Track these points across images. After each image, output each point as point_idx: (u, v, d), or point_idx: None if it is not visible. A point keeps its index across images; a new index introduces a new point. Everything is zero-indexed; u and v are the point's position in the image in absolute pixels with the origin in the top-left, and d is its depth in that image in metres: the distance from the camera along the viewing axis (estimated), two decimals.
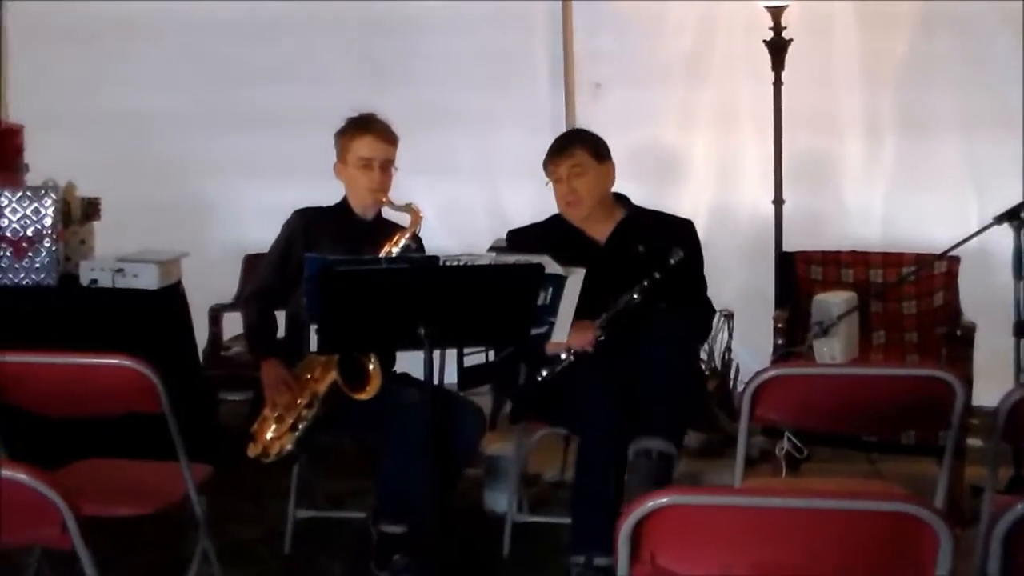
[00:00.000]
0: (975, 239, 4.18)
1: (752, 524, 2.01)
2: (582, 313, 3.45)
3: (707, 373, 4.82)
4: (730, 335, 4.96)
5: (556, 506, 4.27)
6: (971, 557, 2.14)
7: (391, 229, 3.80)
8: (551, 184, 3.90)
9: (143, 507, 3.11)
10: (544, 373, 3.68)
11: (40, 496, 2.17)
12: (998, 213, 3.99)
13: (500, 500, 4.16)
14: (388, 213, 3.86)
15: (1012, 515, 1.96)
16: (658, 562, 2.05)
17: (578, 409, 3.57)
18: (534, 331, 3.29)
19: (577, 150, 3.85)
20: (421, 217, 3.76)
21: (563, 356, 3.66)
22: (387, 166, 3.83)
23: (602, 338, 3.67)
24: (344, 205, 3.90)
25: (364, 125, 3.83)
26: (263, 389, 3.69)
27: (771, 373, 2.94)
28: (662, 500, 2.00)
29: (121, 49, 5.57)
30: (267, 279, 3.88)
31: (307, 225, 3.84)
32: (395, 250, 3.72)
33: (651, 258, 3.78)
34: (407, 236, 3.74)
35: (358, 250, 3.68)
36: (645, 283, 3.70)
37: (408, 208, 3.75)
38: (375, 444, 3.72)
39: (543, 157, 3.95)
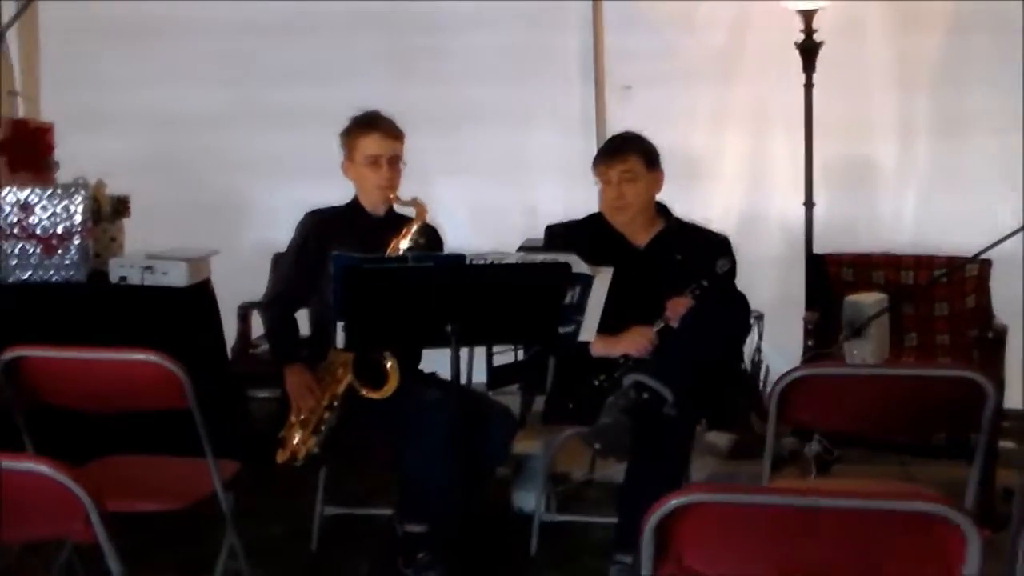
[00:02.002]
0: (1008, 242, 4.14)
1: (778, 524, 1.99)
2: (614, 316, 3.44)
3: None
4: (760, 337, 4.92)
5: (584, 505, 4.26)
6: (1002, 560, 2.12)
7: (403, 224, 3.80)
8: (599, 185, 3.88)
9: (169, 503, 3.12)
10: (603, 378, 3.66)
11: (64, 490, 2.17)
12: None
13: (528, 499, 4.15)
14: (400, 208, 3.86)
15: None
16: (684, 561, 2.04)
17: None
18: (561, 330, 3.29)
19: (631, 156, 3.85)
20: (427, 211, 3.76)
21: (621, 361, 3.65)
22: (395, 161, 3.83)
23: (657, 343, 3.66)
24: (355, 204, 3.92)
25: (369, 123, 3.84)
26: (288, 394, 3.71)
27: (800, 373, 2.92)
28: (686, 498, 1.98)
29: (153, 47, 5.58)
30: (285, 283, 3.91)
31: (320, 225, 3.86)
32: (403, 244, 3.72)
33: (688, 269, 3.77)
34: (413, 230, 3.74)
35: (373, 247, 3.69)
36: (696, 291, 3.68)
37: (414, 203, 3.76)
38: (398, 444, 3.72)
39: (574, 155, 3.94)
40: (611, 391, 3.54)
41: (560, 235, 3.94)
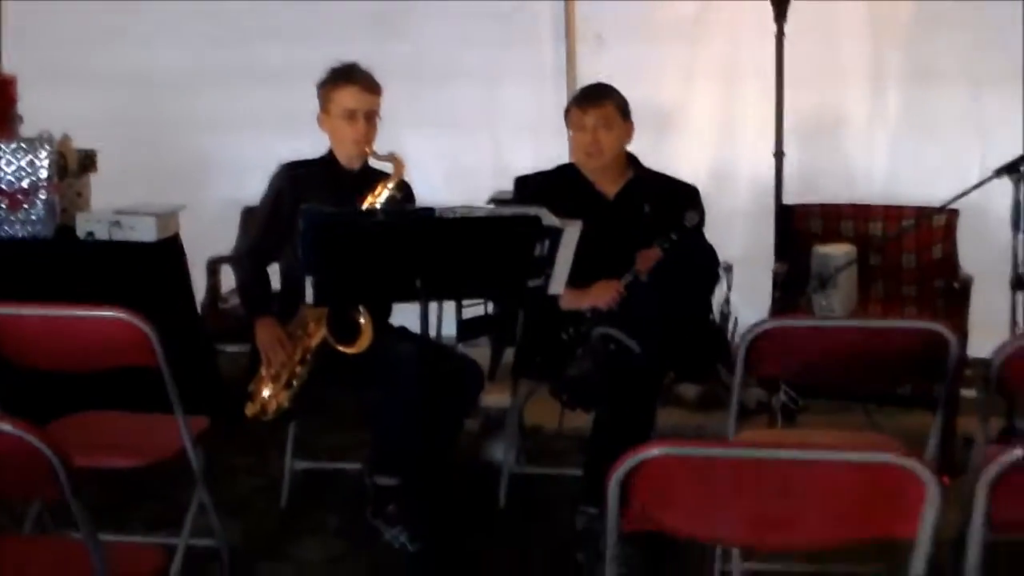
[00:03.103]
0: (975, 192, 4.17)
1: (741, 476, 2.01)
2: (585, 268, 3.45)
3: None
4: (729, 288, 4.90)
5: (553, 457, 4.29)
6: (960, 506, 2.15)
7: (378, 179, 3.78)
8: (571, 132, 3.88)
9: (137, 459, 3.13)
10: (571, 331, 3.67)
11: (31, 448, 2.17)
12: (998, 166, 3.97)
13: (497, 451, 4.17)
14: (375, 163, 3.84)
15: (997, 465, 1.96)
16: (648, 513, 2.05)
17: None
18: (531, 283, 3.29)
19: (607, 103, 3.86)
20: (404, 166, 3.74)
21: (588, 314, 3.66)
22: (371, 116, 3.80)
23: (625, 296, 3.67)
24: (330, 157, 3.88)
25: (347, 76, 3.80)
26: (259, 348, 3.70)
27: (767, 326, 2.94)
28: (653, 451, 2.00)
29: (119, 3, 5.51)
30: (258, 236, 3.88)
31: (294, 179, 3.83)
32: (379, 201, 3.70)
33: (657, 219, 3.79)
34: (390, 186, 3.73)
35: (346, 201, 3.68)
36: (666, 244, 3.69)
37: (391, 158, 3.74)
38: (370, 398, 3.73)
39: (544, 108, 3.93)
40: (579, 344, 3.56)
41: (530, 186, 3.94)
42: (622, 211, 3.86)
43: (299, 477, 4.06)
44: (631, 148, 4.02)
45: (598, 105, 3.85)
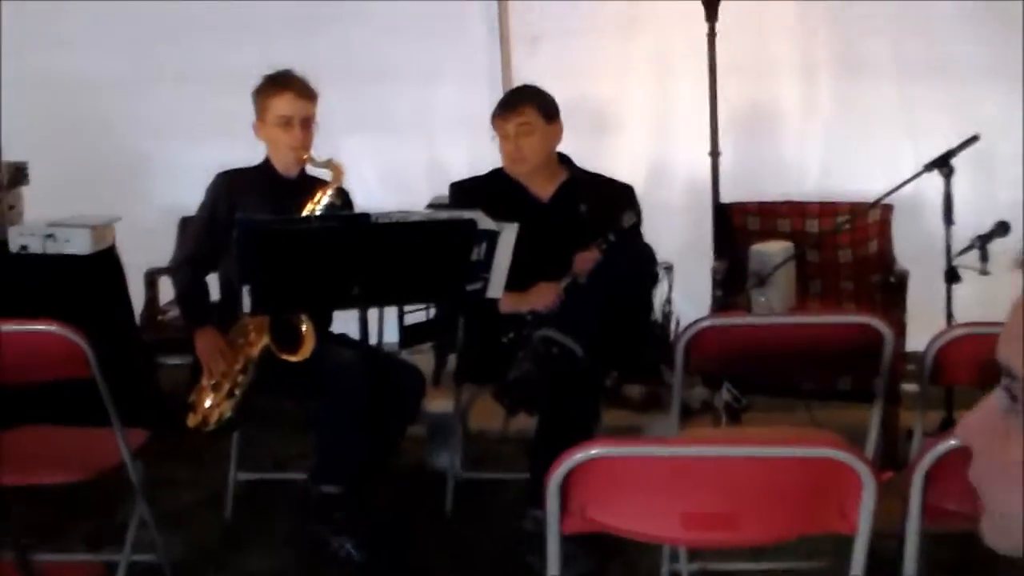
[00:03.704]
0: (909, 187, 4.21)
1: (680, 474, 2.02)
2: (523, 271, 3.45)
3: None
4: (670, 287, 4.95)
5: (499, 462, 4.28)
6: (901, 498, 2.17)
7: (316, 186, 3.76)
8: (497, 138, 3.87)
9: (73, 474, 3.09)
10: (511, 335, 3.66)
11: None
12: (928, 161, 4.02)
13: (443, 457, 4.16)
14: (312, 170, 3.82)
15: (931, 455, 1.98)
16: (588, 514, 2.05)
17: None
18: (469, 287, 3.28)
19: (526, 108, 3.83)
20: (343, 173, 3.73)
21: (529, 318, 3.65)
22: (307, 123, 3.77)
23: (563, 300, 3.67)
24: (267, 165, 3.86)
25: (282, 82, 3.77)
26: (199, 358, 3.67)
27: (703, 324, 2.95)
28: (591, 452, 2.00)
29: (46, 8, 5.43)
30: (195, 245, 3.85)
31: (231, 187, 3.80)
32: (319, 208, 3.68)
33: (593, 220, 3.79)
34: (329, 192, 3.71)
35: (284, 209, 3.65)
36: (603, 245, 3.69)
37: (329, 164, 3.72)
38: (312, 406, 3.70)
39: (480, 110, 3.93)
40: (520, 347, 3.56)
41: (464, 192, 3.93)
42: (557, 213, 3.86)
43: (243, 488, 4.02)
44: (566, 147, 4.01)
45: (517, 112, 3.83)
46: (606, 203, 3.82)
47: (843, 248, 4.72)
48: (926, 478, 2.04)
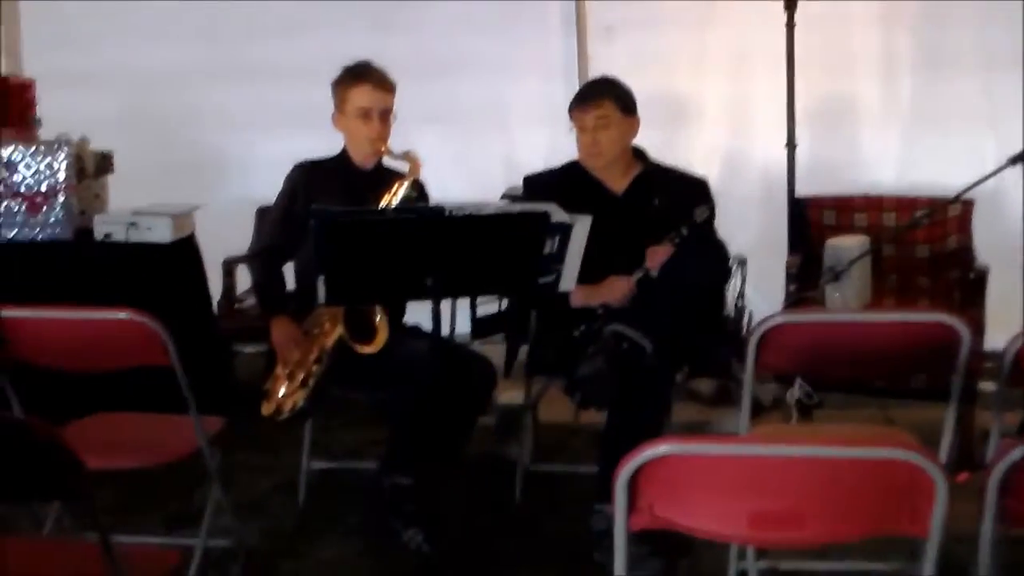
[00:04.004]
0: (991, 182, 4.14)
1: (748, 473, 2.01)
2: (596, 264, 3.45)
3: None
4: (743, 281, 4.92)
5: (569, 454, 4.29)
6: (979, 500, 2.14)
7: (392, 178, 3.79)
8: (574, 130, 3.87)
9: (152, 459, 3.15)
10: (582, 328, 3.66)
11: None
12: (1012, 155, 3.95)
13: (513, 449, 4.18)
14: (389, 162, 3.85)
15: (1008, 460, 1.95)
16: (656, 511, 2.05)
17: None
18: (541, 280, 3.29)
19: (605, 101, 3.83)
20: (420, 165, 3.75)
21: (600, 312, 3.65)
22: (385, 115, 3.81)
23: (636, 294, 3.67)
24: (344, 156, 3.90)
25: (361, 74, 3.81)
26: (274, 347, 3.71)
27: (775, 321, 2.93)
28: (660, 449, 2.00)
29: (132, 4, 5.54)
30: (272, 235, 3.90)
31: (308, 178, 3.84)
32: (395, 200, 3.71)
33: (666, 214, 3.77)
34: (406, 185, 3.73)
35: (360, 200, 3.69)
36: (676, 239, 3.68)
37: (407, 156, 3.75)
38: (384, 396, 3.73)
39: (556, 102, 3.92)
40: (591, 341, 3.56)
41: (538, 185, 3.94)
42: (631, 207, 3.85)
43: (316, 476, 4.07)
44: (642, 139, 3.99)
45: (595, 105, 3.82)
46: (680, 197, 3.81)
47: (921, 244, 4.65)
48: (1003, 481, 2.01)
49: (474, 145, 5.66)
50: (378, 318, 3.63)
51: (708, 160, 5.28)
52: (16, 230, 4.56)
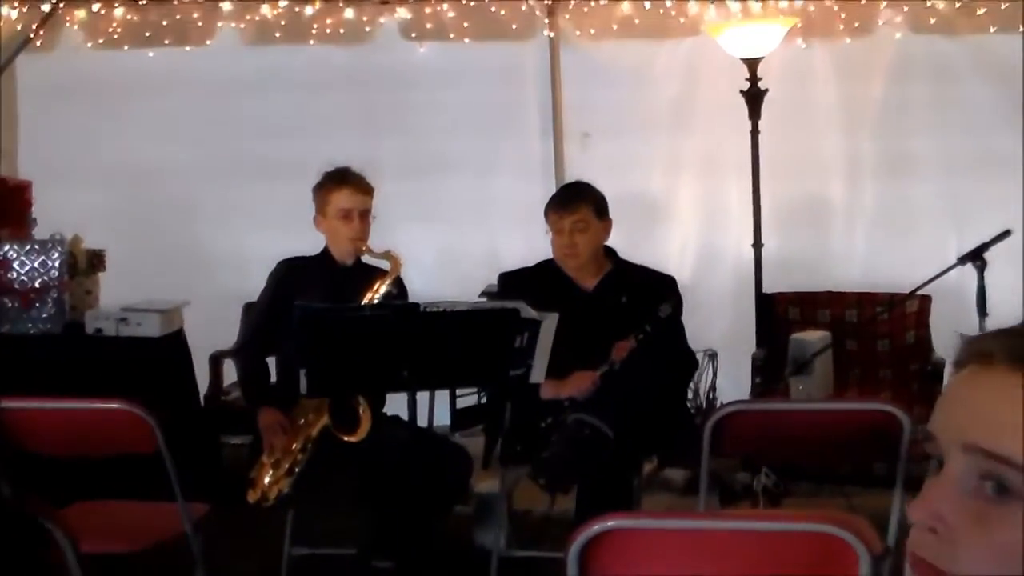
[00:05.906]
0: (952, 279, 4.32)
1: (692, 547, 2.16)
2: (566, 358, 3.62)
3: (692, 411, 4.96)
4: (715, 374, 5.11)
5: (543, 540, 4.40)
6: None
7: (372, 274, 3.98)
8: (551, 233, 4.06)
9: (138, 544, 3.27)
10: (549, 420, 3.81)
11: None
12: (960, 255, 4.15)
13: (489, 536, 4.30)
14: (367, 258, 4.03)
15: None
16: None
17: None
18: (512, 372, 3.46)
19: (582, 206, 4.00)
20: (401, 263, 3.94)
21: (566, 404, 3.81)
22: (365, 215, 4.00)
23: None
24: (325, 253, 4.08)
25: (341, 178, 4.01)
26: (261, 436, 3.86)
27: (730, 409, 3.10)
28: (608, 524, 2.15)
29: (123, 104, 5.71)
30: (257, 329, 4.07)
31: (292, 274, 4.03)
32: (377, 297, 3.89)
33: (634, 310, 3.94)
34: (388, 282, 3.92)
35: (341, 295, 3.87)
36: (640, 336, 3.86)
37: (388, 256, 3.94)
38: (365, 483, 3.88)
39: (536, 203, 4.11)
40: (557, 431, 3.72)
41: (513, 281, 4.12)
42: (600, 303, 4.03)
43: (296, 562, 4.18)
44: (617, 238, 4.17)
45: (573, 210, 3.99)
46: (647, 294, 3.98)
47: (882, 338, 4.84)
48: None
49: (457, 242, 5.85)
50: (361, 408, 3.79)
51: (681, 257, 5.49)
52: (9, 325, 4.69)
